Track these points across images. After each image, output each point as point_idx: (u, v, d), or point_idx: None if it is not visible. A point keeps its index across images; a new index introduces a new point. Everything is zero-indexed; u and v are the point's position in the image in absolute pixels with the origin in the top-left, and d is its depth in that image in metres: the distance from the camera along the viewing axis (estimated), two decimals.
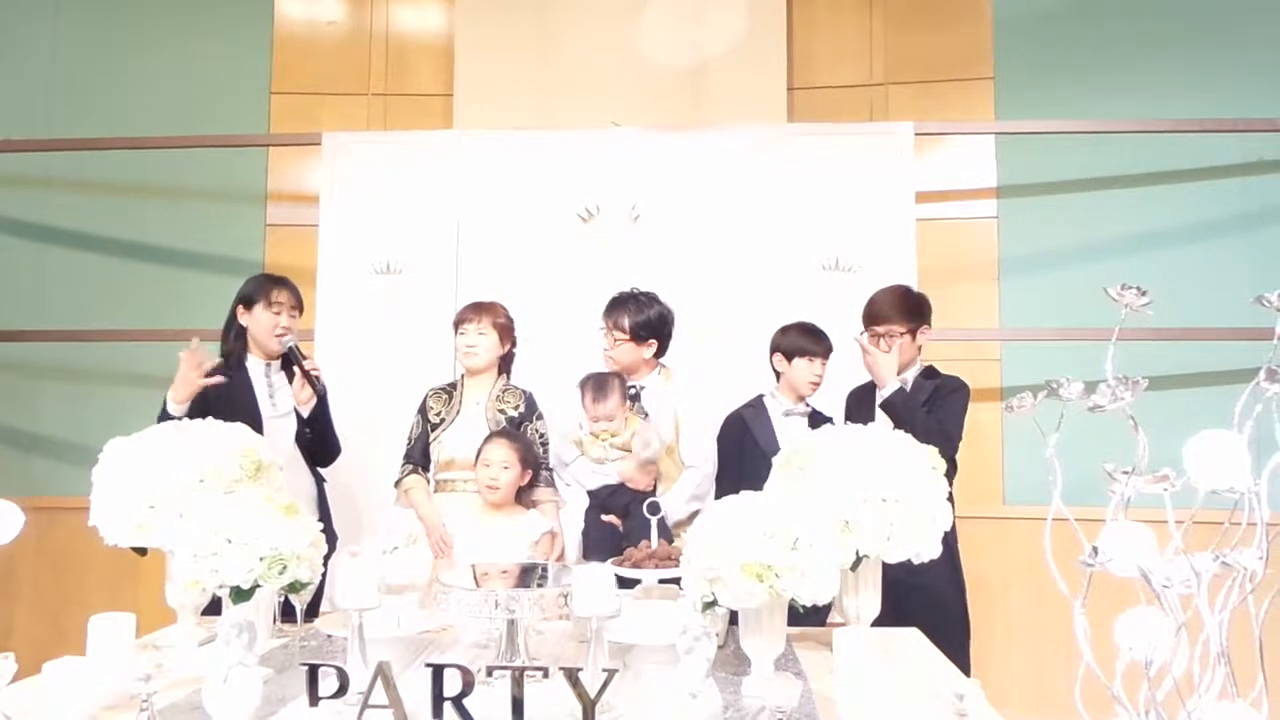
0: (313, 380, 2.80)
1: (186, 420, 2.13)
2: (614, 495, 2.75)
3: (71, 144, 4.08)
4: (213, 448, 1.92)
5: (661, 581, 1.97)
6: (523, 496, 2.71)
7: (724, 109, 3.90)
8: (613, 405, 2.76)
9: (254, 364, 2.88)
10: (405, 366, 3.45)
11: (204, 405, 2.56)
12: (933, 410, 2.67)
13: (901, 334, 2.77)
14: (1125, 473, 1.19)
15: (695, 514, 2.72)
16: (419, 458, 2.89)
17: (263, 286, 2.89)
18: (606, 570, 1.67)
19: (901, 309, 2.81)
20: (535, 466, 2.70)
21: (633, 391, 2.89)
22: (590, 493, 2.81)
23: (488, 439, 2.67)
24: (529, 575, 1.91)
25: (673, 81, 3.95)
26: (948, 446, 2.01)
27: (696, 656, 1.35)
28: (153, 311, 4.07)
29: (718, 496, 2.64)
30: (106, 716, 1.54)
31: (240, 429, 2.06)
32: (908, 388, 2.73)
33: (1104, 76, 3.96)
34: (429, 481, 2.88)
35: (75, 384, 4.11)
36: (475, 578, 1.82)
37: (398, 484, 2.87)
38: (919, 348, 2.84)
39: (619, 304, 2.92)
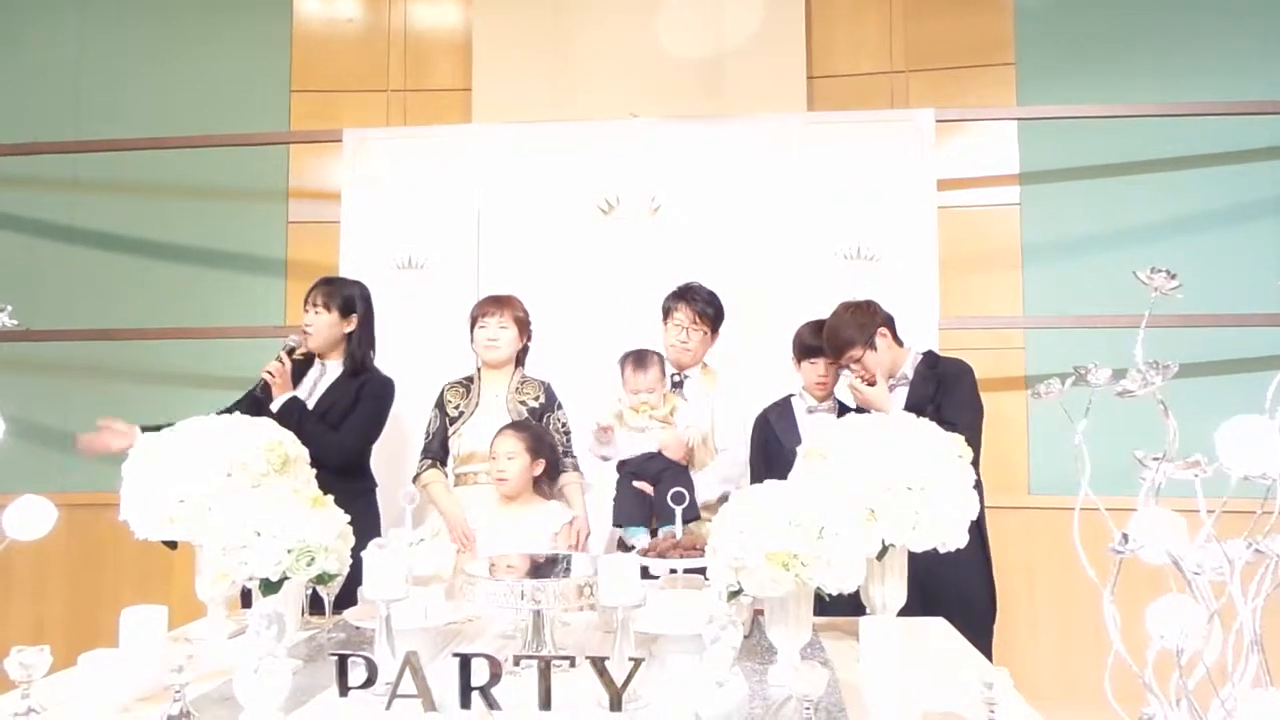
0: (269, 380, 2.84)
1: (213, 415, 2.15)
2: (649, 462, 2.76)
3: (96, 145, 4.13)
4: (240, 442, 1.95)
5: (686, 571, 1.97)
6: (544, 486, 2.72)
7: (743, 99, 3.88)
8: (652, 377, 2.79)
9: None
10: (430, 361, 3.46)
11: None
12: (941, 408, 2.56)
13: (859, 357, 2.65)
14: (1156, 459, 1.17)
15: (724, 497, 2.73)
16: (437, 452, 2.90)
17: (311, 288, 2.98)
18: (632, 560, 1.67)
19: (841, 339, 2.67)
20: (549, 455, 2.69)
21: (677, 379, 2.92)
22: (623, 461, 2.82)
23: (497, 432, 2.69)
24: (548, 566, 1.92)
25: (691, 72, 3.93)
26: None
27: (722, 645, 1.35)
28: (179, 309, 4.12)
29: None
30: (140, 707, 1.56)
31: (267, 423, 2.09)
32: (907, 382, 2.70)
33: (1126, 59, 3.91)
34: (448, 475, 2.90)
35: (104, 382, 4.17)
36: (490, 570, 1.83)
37: (416, 479, 2.88)
38: (899, 343, 2.73)
39: (693, 294, 2.92)
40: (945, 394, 2.62)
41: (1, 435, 1.48)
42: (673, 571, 1.97)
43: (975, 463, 2.45)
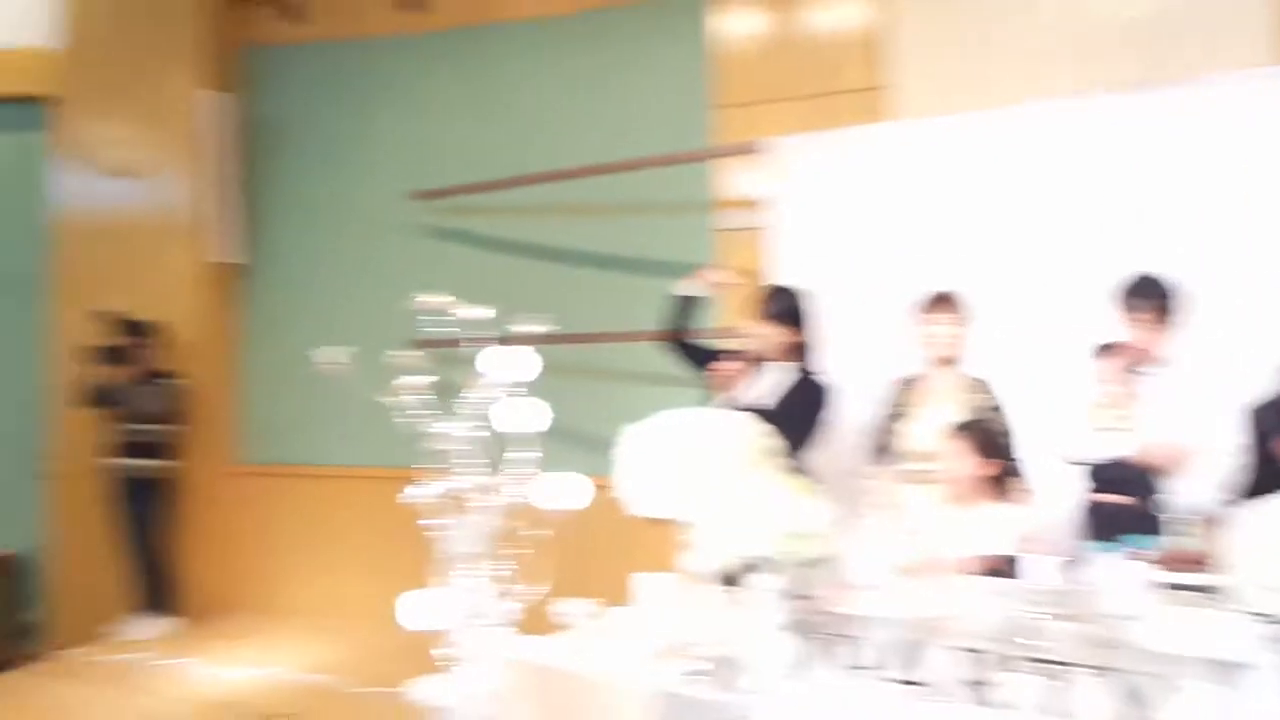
0: None
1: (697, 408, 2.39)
2: (1115, 469, 2.59)
3: (547, 176, 4.71)
4: (730, 432, 2.12)
5: (1187, 588, 1.80)
6: (995, 488, 2.62)
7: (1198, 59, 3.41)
8: (1113, 368, 2.64)
9: None
10: (873, 359, 3.40)
11: None
12: None
13: None
14: None
15: (1224, 510, 2.44)
16: (881, 448, 2.96)
17: (758, 299, 3.25)
18: (1138, 570, 1.58)
19: None
20: (1000, 456, 2.60)
21: (1140, 373, 2.70)
22: (1094, 468, 2.67)
23: (946, 431, 2.65)
24: (1017, 570, 1.86)
25: (1134, 36, 3.55)
26: None
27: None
28: (621, 315, 4.57)
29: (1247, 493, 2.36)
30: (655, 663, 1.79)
31: (746, 418, 2.26)
32: None
33: None
34: (894, 473, 2.93)
35: (591, 381, 4.70)
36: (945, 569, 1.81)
37: (862, 475, 2.96)
38: None
39: (1145, 288, 2.74)
40: None
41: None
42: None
43: None
